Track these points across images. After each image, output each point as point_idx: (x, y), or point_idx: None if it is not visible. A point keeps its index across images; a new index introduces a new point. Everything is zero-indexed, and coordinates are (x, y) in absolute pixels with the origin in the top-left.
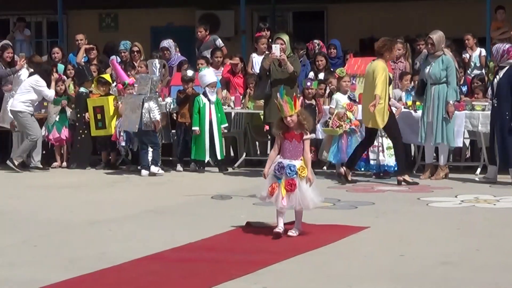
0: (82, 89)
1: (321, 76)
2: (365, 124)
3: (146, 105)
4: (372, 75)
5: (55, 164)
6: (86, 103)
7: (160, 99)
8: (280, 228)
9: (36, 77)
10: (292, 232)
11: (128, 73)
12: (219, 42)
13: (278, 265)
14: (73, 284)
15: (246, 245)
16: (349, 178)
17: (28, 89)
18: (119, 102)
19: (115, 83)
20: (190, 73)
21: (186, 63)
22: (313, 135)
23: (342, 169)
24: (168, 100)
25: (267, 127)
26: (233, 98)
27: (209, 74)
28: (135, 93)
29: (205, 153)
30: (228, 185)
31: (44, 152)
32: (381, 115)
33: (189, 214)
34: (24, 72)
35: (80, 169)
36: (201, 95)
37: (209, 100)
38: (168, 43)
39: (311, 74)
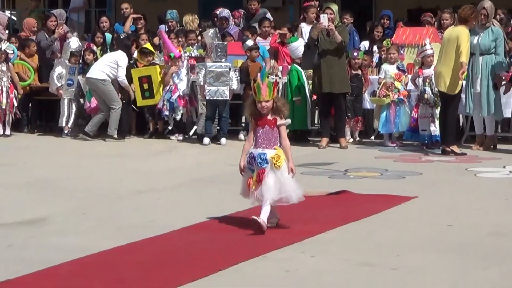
0: None
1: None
2: (441, 89)
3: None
4: (455, 41)
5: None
6: (127, 72)
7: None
8: (261, 220)
9: (123, 54)
10: (271, 223)
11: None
12: (269, 15)
13: (325, 234)
14: (121, 252)
15: (292, 214)
16: (457, 151)
17: (113, 63)
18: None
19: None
20: (250, 42)
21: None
22: (288, 121)
23: (447, 149)
24: None
25: (314, 97)
26: (280, 68)
27: (302, 46)
28: (182, 67)
29: (307, 121)
30: None
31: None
32: (459, 82)
33: (236, 184)
34: (73, 41)
35: (121, 139)
36: (295, 65)
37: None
38: (227, 13)
39: (366, 44)
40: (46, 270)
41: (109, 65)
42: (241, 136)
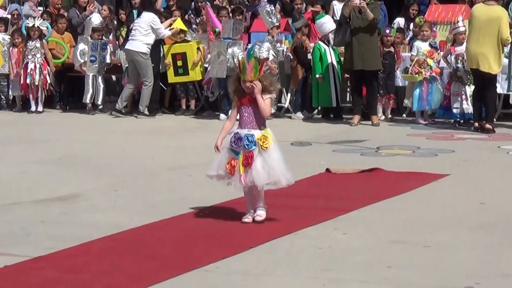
0: None
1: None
2: (484, 69)
3: (229, 50)
4: (495, 20)
5: (125, 110)
6: (155, 50)
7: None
8: (248, 217)
9: (152, 15)
10: (259, 216)
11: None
12: None
13: (357, 211)
14: (153, 228)
15: (325, 191)
16: (487, 126)
17: (147, 30)
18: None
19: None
20: (303, 22)
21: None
22: (273, 95)
23: (477, 124)
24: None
25: (347, 75)
26: (312, 44)
27: (329, 22)
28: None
29: (331, 99)
30: (308, 131)
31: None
32: (499, 61)
33: None
34: (95, 16)
35: (152, 116)
36: (320, 42)
37: (328, 45)
38: None
39: (401, 22)
40: (78, 247)
41: (146, 34)
42: None
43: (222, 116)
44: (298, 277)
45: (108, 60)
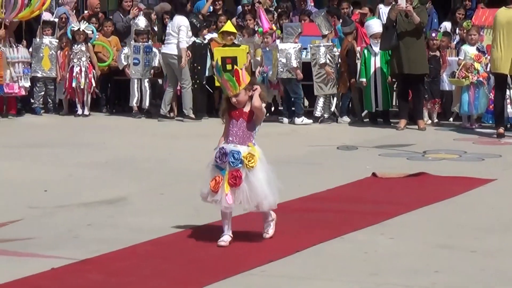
0: (197, 40)
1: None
2: (509, 72)
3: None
4: None
5: (171, 114)
6: (202, 52)
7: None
8: (224, 240)
9: (182, 19)
10: (267, 233)
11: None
12: None
13: (404, 216)
14: (199, 232)
15: (371, 196)
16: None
17: (176, 32)
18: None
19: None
20: (352, 27)
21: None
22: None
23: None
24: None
25: (390, 79)
26: (358, 48)
27: (375, 24)
28: (271, 42)
29: (371, 104)
30: (354, 135)
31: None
32: None
33: (314, 164)
34: (141, 19)
35: (197, 119)
36: (369, 46)
37: (373, 51)
38: None
39: (448, 26)
40: (124, 250)
41: (176, 36)
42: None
43: (297, 120)
44: (344, 282)
45: (155, 64)
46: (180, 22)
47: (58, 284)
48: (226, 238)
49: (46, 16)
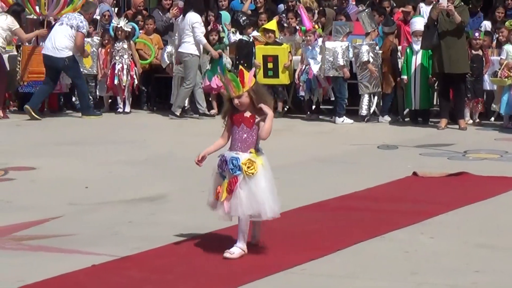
0: (244, 37)
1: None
2: None
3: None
4: None
5: (212, 111)
6: (248, 50)
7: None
8: (230, 252)
9: (193, 14)
10: (229, 252)
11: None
12: None
13: (444, 215)
14: (237, 230)
15: (412, 195)
16: None
17: (189, 30)
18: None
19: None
20: (393, 28)
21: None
22: (270, 113)
23: None
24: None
25: (431, 79)
26: (399, 47)
27: (419, 22)
28: (313, 41)
29: (411, 102)
30: (394, 135)
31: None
32: None
33: (354, 163)
34: (181, 18)
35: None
36: (411, 44)
37: (414, 49)
38: None
39: (488, 25)
40: (164, 247)
41: (189, 34)
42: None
43: (338, 119)
44: (385, 281)
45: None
46: (193, 19)
47: (98, 281)
48: (232, 250)
49: None
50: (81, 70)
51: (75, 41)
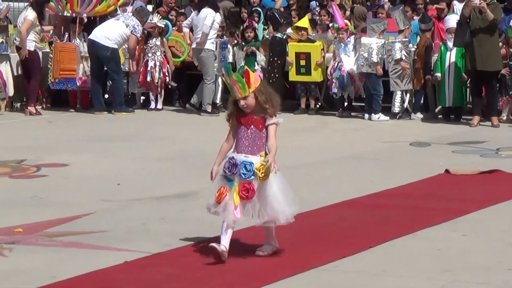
0: (277, 34)
1: None
2: None
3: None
4: None
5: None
6: (281, 47)
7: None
8: (222, 247)
9: (208, 11)
10: (262, 251)
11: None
12: None
13: (477, 213)
14: None
15: (444, 192)
16: None
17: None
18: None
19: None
20: (430, 25)
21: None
22: (280, 120)
23: None
24: None
25: (465, 77)
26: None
27: (453, 19)
28: (346, 39)
29: (445, 99)
30: (427, 132)
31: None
32: None
33: (387, 160)
34: (217, 16)
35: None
36: (445, 41)
37: (448, 46)
38: None
39: None
40: (196, 244)
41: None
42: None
43: (374, 116)
44: (417, 278)
45: (230, 60)
46: (208, 13)
47: (131, 277)
48: (223, 246)
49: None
50: None
51: (128, 43)
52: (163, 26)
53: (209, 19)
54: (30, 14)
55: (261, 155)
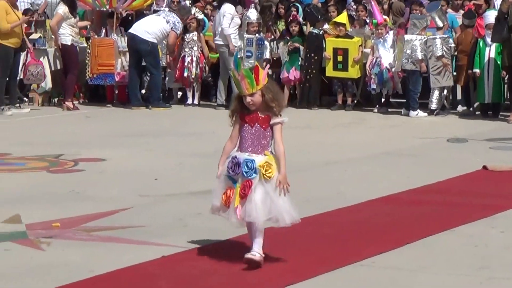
0: (314, 30)
1: None
2: None
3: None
4: None
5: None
6: (318, 43)
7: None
8: (253, 254)
9: (227, 6)
10: (253, 255)
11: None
12: None
13: None
14: (308, 223)
15: (482, 188)
16: None
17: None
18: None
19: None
20: (472, 22)
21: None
22: (285, 119)
23: None
24: None
25: (504, 73)
26: None
27: (491, 16)
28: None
29: (484, 95)
30: (465, 128)
31: None
32: None
33: (424, 157)
34: (252, 12)
35: (307, 109)
36: (484, 37)
37: (487, 42)
38: None
39: None
40: (234, 239)
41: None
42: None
43: (412, 113)
44: (454, 274)
45: (267, 56)
46: (226, 10)
47: (168, 272)
48: (254, 252)
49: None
50: None
51: (168, 39)
52: (202, 17)
53: (226, 19)
54: (60, 8)
55: (266, 154)
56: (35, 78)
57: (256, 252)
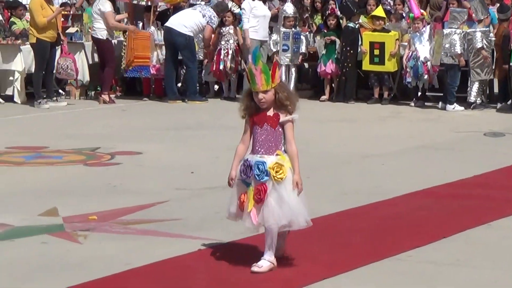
0: (350, 24)
1: None
2: None
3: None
4: None
5: (323, 97)
6: (354, 36)
7: None
8: (258, 265)
9: (246, 1)
10: (258, 267)
11: None
12: None
13: None
14: (345, 216)
15: None
16: None
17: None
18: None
19: None
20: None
21: None
22: (296, 116)
23: None
24: None
25: None
26: None
27: None
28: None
29: None
30: (501, 122)
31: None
32: None
33: (461, 150)
34: (288, 6)
35: (344, 102)
36: None
37: None
38: None
39: None
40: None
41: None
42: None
43: (449, 107)
44: (491, 269)
45: (303, 50)
46: (242, 6)
47: (205, 265)
48: (260, 263)
49: None
50: None
51: (204, 33)
52: (237, 12)
53: (243, 15)
54: (107, 7)
55: (278, 153)
56: (65, 72)
57: (266, 260)
